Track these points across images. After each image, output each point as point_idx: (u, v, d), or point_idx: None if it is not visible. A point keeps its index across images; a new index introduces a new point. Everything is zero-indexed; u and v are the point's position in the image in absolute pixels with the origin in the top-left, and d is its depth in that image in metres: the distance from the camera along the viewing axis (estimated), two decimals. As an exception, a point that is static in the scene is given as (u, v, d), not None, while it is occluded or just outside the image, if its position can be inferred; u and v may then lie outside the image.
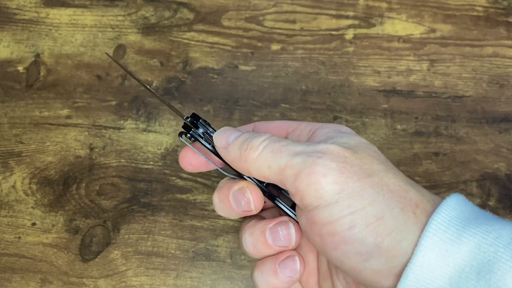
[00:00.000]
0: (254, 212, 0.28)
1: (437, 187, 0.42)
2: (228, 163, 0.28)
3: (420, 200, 0.24)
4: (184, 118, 0.30)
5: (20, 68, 0.47)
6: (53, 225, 0.42)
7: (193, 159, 0.29)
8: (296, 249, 0.29)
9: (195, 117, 0.30)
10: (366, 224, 0.23)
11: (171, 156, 0.44)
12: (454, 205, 0.24)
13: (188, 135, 0.30)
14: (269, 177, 0.25)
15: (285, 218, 0.28)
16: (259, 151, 0.25)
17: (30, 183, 0.43)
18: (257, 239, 0.28)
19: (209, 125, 0.30)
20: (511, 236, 0.22)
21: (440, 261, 0.22)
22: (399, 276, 0.23)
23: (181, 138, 0.31)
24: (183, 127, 0.31)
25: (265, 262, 0.28)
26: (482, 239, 0.22)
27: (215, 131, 0.29)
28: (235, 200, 0.28)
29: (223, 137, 0.27)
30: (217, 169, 0.30)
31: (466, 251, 0.22)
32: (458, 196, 0.25)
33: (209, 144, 0.30)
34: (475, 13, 0.47)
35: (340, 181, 0.23)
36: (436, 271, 0.22)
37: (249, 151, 0.25)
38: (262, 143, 0.25)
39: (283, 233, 0.27)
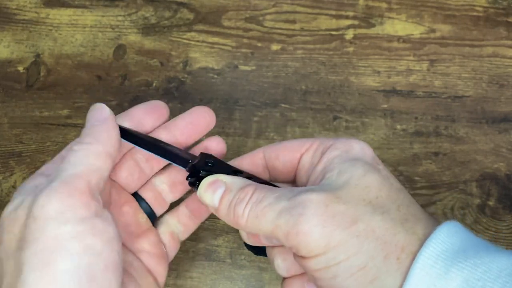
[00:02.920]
0: None
1: (437, 187, 0.42)
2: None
3: (408, 241, 0.24)
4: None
5: (20, 68, 0.47)
6: (53, 225, 0.42)
7: None
8: None
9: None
10: (349, 274, 0.23)
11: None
12: (444, 238, 0.23)
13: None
14: (264, 236, 0.27)
15: None
16: (245, 219, 0.25)
17: (30, 183, 0.43)
18: (292, 264, 0.29)
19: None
20: (500, 269, 0.22)
21: None
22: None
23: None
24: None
25: (293, 280, 0.30)
26: (470, 274, 0.22)
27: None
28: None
29: (208, 198, 0.27)
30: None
31: (454, 286, 0.22)
32: (449, 226, 0.24)
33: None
34: (475, 13, 0.48)
35: (324, 235, 0.23)
36: None
37: (237, 219, 0.26)
38: (245, 209, 0.25)
39: None
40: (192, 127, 0.32)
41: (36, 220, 0.23)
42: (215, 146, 0.32)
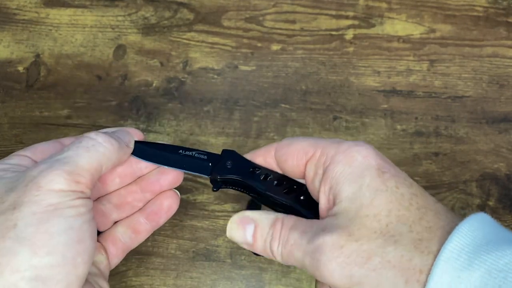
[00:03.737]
0: None
1: (437, 187, 0.42)
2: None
3: (424, 262, 0.24)
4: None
5: (20, 68, 0.47)
6: (53, 225, 0.42)
7: None
8: None
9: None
10: None
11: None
12: (467, 232, 0.24)
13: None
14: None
15: None
16: (280, 256, 0.27)
17: (30, 183, 0.43)
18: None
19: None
20: None
21: (453, 287, 0.23)
22: None
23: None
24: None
25: None
26: (492, 265, 0.23)
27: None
28: None
29: (240, 236, 0.29)
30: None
31: (477, 277, 0.23)
32: (472, 220, 0.25)
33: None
34: (475, 13, 0.48)
35: (344, 275, 0.25)
36: None
37: (274, 255, 0.28)
38: (278, 247, 0.27)
39: None
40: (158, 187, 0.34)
41: (40, 188, 0.26)
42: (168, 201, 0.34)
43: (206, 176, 0.33)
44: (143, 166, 0.33)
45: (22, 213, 0.26)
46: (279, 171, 0.32)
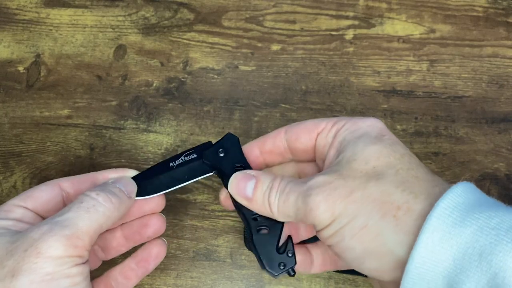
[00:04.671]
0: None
1: (437, 187, 0.42)
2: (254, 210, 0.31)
3: (404, 200, 0.26)
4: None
5: (21, 68, 0.47)
6: (54, 225, 0.42)
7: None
8: None
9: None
10: (352, 235, 0.26)
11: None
12: (460, 192, 0.25)
13: None
14: (294, 220, 0.30)
15: None
16: (276, 206, 0.29)
17: (30, 183, 0.43)
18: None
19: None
20: None
21: (444, 242, 0.24)
22: (397, 269, 0.25)
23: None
24: None
25: None
26: (484, 223, 0.23)
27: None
28: None
29: (241, 190, 0.31)
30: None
31: (469, 234, 0.23)
32: (465, 184, 0.26)
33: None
34: (474, 14, 0.48)
35: (328, 207, 0.27)
36: (440, 252, 0.24)
37: (271, 206, 0.29)
38: (275, 197, 0.29)
39: None
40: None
41: (39, 255, 0.27)
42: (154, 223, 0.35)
43: (209, 174, 0.34)
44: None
45: (19, 282, 0.26)
46: (286, 158, 0.33)
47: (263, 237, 0.32)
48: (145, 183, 0.34)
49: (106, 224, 0.30)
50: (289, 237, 0.33)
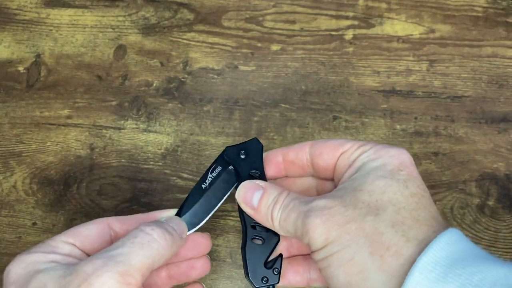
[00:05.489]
0: None
1: (436, 187, 0.42)
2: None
3: (395, 242, 0.26)
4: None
5: (21, 68, 0.47)
6: (54, 225, 0.42)
7: None
8: None
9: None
10: (338, 264, 0.27)
11: (171, 156, 0.44)
12: (444, 245, 0.25)
13: None
14: (293, 236, 0.30)
15: None
16: (278, 221, 0.30)
17: (30, 183, 0.43)
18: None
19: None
20: (495, 278, 0.23)
21: None
22: (389, 281, 0.25)
23: None
24: None
25: None
26: (466, 280, 0.23)
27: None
28: None
29: (248, 199, 0.31)
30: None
31: None
32: (450, 234, 0.25)
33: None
34: (474, 14, 0.48)
35: (324, 232, 0.27)
36: None
37: (273, 220, 0.30)
38: (278, 212, 0.30)
39: None
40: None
41: None
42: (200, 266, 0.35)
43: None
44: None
45: None
46: (307, 170, 0.34)
47: (256, 247, 0.32)
48: (189, 216, 0.34)
49: (158, 262, 0.29)
50: (280, 255, 0.33)
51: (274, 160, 0.34)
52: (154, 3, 0.49)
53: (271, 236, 0.32)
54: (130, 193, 0.43)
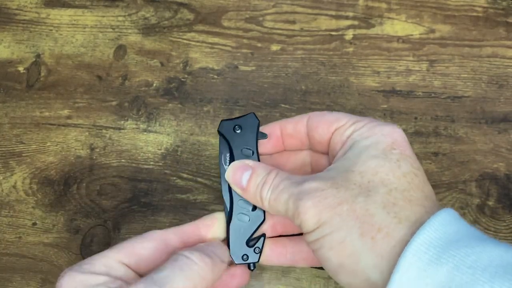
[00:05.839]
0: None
1: (437, 187, 0.42)
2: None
3: (386, 223, 0.25)
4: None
5: (21, 69, 0.47)
6: (54, 225, 0.42)
7: None
8: None
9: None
10: (330, 247, 0.27)
11: (171, 156, 0.44)
12: (438, 226, 0.24)
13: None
14: (283, 216, 0.30)
15: None
16: (267, 201, 0.30)
17: (30, 183, 0.43)
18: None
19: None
20: (490, 259, 0.23)
21: (419, 281, 0.23)
22: (379, 263, 0.25)
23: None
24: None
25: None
26: (460, 261, 0.23)
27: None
28: None
29: (237, 179, 0.31)
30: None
31: (444, 272, 0.23)
32: (444, 214, 0.25)
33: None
34: (474, 14, 0.48)
35: (316, 214, 0.27)
36: None
37: (262, 200, 0.30)
38: (268, 192, 0.30)
39: None
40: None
41: None
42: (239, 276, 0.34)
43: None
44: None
45: None
46: (305, 143, 0.33)
47: (241, 225, 0.33)
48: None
49: (200, 286, 0.28)
50: (263, 235, 0.33)
51: (273, 134, 0.34)
52: (154, 3, 0.49)
53: (257, 215, 0.33)
54: (130, 193, 0.43)
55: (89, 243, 0.41)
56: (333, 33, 0.47)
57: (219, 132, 0.34)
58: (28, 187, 0.43)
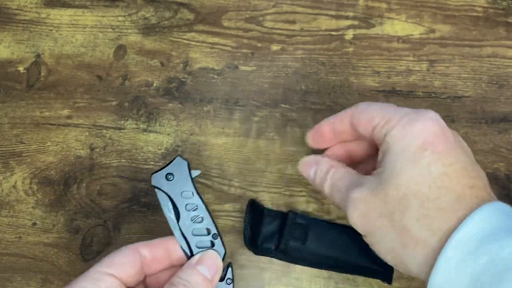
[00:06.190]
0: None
1: (437, 187, 0.42)
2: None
3: (422, 237, 0.28)
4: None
5: (21, 69, 0.47)
6: (54, 225, 0.42)
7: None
8: None
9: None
10: (379, 252, 0.31)
11: (171, 156, 0.44)
12: (478, 221, 0.27)
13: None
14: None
15: None
16: (327, 192, 0.34)
17: (30, 183, 0.43)
18: None
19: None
20: None
21: (459, 269, 0.26)
22: (424, 266, 0.29)
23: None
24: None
25: None
26: (496, 254, 0.25)
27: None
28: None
29: (305, 172, 0.36)
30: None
31: (481, 263, 0.26)
32: (485, 210, 0.27)
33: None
34: (474, 14, 0.48)
35: (361, 225, 0.31)
36: (455, 278, 0.26)
37: (323, 191, 0.35)
38: (327, 186, 0.34)
39: None
40: None
41: None
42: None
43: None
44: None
45: None
46: (353, 134, 0.36)
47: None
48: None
49: None
50: (229, 264, 0.34)
51: (325, 132, 0.37)
52: (154, 3, 0.49)
53: (218, 250, 0.34)
54: (130, 193, 0.43)
55: (89, 243, 0.41)
56: (333, 33, 0.47)
57: (153, 186, 0.34)
58: (28, 187, 0.43)
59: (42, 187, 0.43)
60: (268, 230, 0.40)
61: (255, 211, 0.40)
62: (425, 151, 0.29)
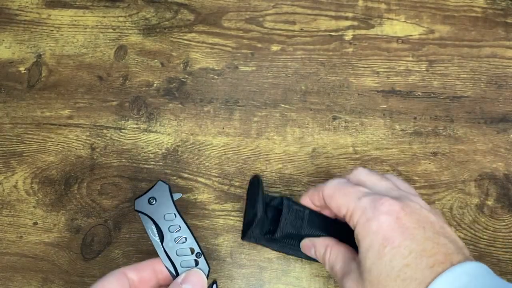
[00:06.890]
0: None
1: (436, 186, 0.42)
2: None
3: (422, 278, 0.29)
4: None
5: (22, 69, 0.47)
6: (55, 225, 0.42)
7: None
8: None
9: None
10: None
11: (171, 156, 0.44)
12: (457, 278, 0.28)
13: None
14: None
15: None
16: (329, 271, 0.36)
17: (31, 183, 0.43)
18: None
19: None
20: None
21: None
22: None
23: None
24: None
25: None
26: None
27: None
28: None
29: (309, 252, 0.37)
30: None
31: None
32: (447, 276, 0.29)
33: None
34: (473, 14, 0.48)
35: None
36: None
37: (326, 267, 0.36)
38: (328, 268, 0.36)
39: None
40: None
41: None
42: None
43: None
44: None
45: None
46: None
47: None
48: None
49: None
50: (214, 282, 0.35)
51: (310, 204, 0.38)
52: (155, 3, 0.49)
53: (202, 268, 0.34)
54: (131, 192, 0.43)
55: (89, 243, 0.42)
56: (332, 33, 0.47)
57: (136, 211, 0.35)
58: (29, 186, 0.43)
59: (43, 186, 0.43)
60: (264, 218, 0.39)
61: (253, 192, 0.40)
62: (385, 248, 0.31)
